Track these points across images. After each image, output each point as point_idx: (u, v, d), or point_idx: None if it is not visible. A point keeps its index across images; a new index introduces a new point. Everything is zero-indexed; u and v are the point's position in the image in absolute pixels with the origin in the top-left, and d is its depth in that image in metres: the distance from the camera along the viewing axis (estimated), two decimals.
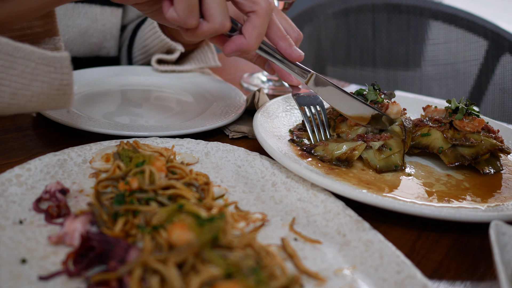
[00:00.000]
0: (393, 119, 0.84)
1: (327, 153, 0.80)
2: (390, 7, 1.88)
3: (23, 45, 0.62)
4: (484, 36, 1.74)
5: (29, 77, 0.63)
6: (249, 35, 0.70)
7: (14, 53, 0.62)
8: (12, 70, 0.62)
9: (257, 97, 1.00)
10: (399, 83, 1.93)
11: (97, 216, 0.57)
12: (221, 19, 0.67)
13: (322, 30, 1.98)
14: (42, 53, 0.63)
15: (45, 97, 0.65)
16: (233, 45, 0.71)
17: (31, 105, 0.65)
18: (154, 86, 1.16)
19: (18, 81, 0.63)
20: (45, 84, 0.64)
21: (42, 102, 0.65)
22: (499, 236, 0.55)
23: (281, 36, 0.76)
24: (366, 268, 0.56)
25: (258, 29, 0.70)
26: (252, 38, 0.70)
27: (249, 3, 0.69)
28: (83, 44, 1.18)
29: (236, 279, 0.47)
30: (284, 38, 0.76)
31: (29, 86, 0.64)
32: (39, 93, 0.64)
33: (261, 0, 0.70)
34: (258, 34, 0.70)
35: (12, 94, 0.63)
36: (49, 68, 0.64)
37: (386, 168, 0.78)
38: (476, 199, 0.74)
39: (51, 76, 0.64)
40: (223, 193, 0.68)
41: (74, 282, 0.50)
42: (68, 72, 0.65)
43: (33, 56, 0.63)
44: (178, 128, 0.86)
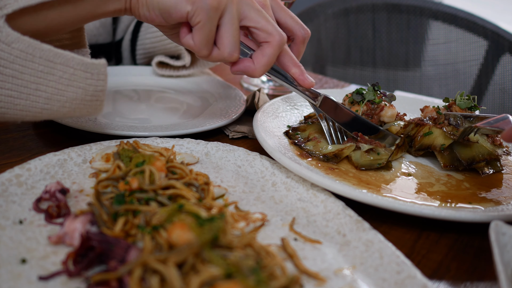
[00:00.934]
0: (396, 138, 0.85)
1: (316, 149, 0.81)
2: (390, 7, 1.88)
3: (64, 52, 0.64)
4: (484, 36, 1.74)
5: (66, 82, 0.65)
6: (257, 62, 0.74)
7: (55, 59, 0.64)
8: (50, 76, 0.64)
9: (257, 97, 1.00)
10: (399, 83, 1.93)
11: (97, 216, 0.57)
12: (231, 50, 0.72)
13: (322, 30, 1.98)
14: (81, 59, 0.65)
15: (78, 103, 0.67)
16: (241, 66, 0.76)
17: (63, 111, 0.67)
18: (154, 86, 1.16)
19: (54, 86, 0.65)
20: (80, 90, 0.66)
21: (74, 108, 0.67)
22: (499, 236, 0.55)
23: (294, 63, 0.81)
24: (366, 268, 0.56)
25: (268, 58, 0.74)
26: (260, 65, 0.74)
27: (264, 34, 0.74)
28: None
29: (236, 279, 0.47)
30: (297, 65, 0.81)
31: (65, 92, 0.65)
32: (73, 99, 0.66)
33: (276, 33, 0.74)
34: (266, 62, 0.74)
35: (47, 99, 0.65)
36: (86, 74, 0.66)
37: (367, 167, 0.78)
38: (477, 199, 0.74)
39: (87, 82, 0.66)
40: (223, 193, 0.68)
41: (74, 282, 0.50)
42: (103, 79, 0.68)
43: (72, 62, 0.65)
44: (178, 128, 0.86)
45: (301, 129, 0.88)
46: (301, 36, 0.89)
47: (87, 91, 0.67)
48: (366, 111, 0.85)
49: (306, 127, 0.88)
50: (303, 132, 0.88)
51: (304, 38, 0.90)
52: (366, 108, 0.85)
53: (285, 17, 0.89)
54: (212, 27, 0.70)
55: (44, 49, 0.63)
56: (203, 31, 0.70)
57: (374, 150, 0.79)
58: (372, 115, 0.85)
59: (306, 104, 1.02)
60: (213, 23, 0.70)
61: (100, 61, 0.67)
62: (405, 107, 1.04)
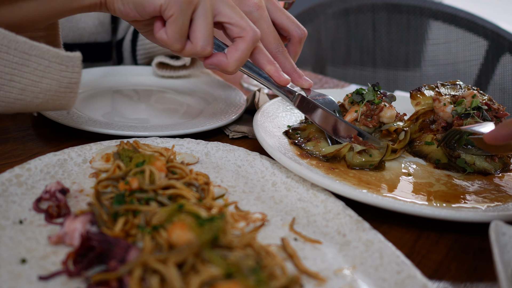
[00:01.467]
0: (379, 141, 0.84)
1: (317, 150, 0.82)
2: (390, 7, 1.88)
3: (39, 44, 0.66)
4: (484, 36, 1.74)
5: (41, 74, 0.67)
6: (230, 56, 0.74)
7: (30, 51, 0.65)
8: (25, 67, 0.66)
9: (257, 97, 1.00)
10: (399, 83, 1.93)
11: (97, 216, 0.57)
12: (203, 43, 0.72)
13: (322, 30, 1.98)
14: (57, 51, 0.67)
15: (52, 94, 0.68)
16: (214, 60, 0.75)
17: (36, 102, 0.68)
18: (154, 86, 1.16)
19: (29, 77, 0.66)
20: (54, 81, 0.68)
21: (47, 99, 0.69)
22: (499, 236, 0.55)
23: (269, 61, 0.80)
24: (366, 268, 0.56)
25: (241, 52, 0.74)
26: (233, 59, 0.74)
27: (237, 29, 0.74)
28: (71, 29, 1.17)
29: (236, 279, 0.47)
30: (272, 63, 0.80)
31: (39, 83, 0.67)
32: (47, 90, 0.68)
33: (249, 29, 0.74)
34: (239, 57, 0.74)
35: (21, 90, 0.67)
36: (61, 67, 0.68)
37: (359, 166, 0.79)
38: (476, 199, 0.74)
39: (61, 74, 0.68)
40: (223, 193, 0.69)
41: (74, 282, 0.50)
42: (78, 71, 0.69)
43: (47, 55, 0.66)
44: (178, 128, 0.86)
45: (301, 128, 0.88)
46: (297, 36, 0.89)
47: (62, 83, 0.68)
48: (365, 111, 0.84)
49: (306, 126, 0.88)
50: (303, 132, 0.88)
51: (301, 38, 0.90)
52: (366, 109, 0.85)
53: (281, 17, 0.89)
54: (185, 20, 0.70)
55: (19, 41, 0.64)
56: (176, 24, 0.70)
57: (366, 152, 0.79)
58: (371, 116, 0.85)
59: None
60: (186, 16, 0.70)
61: (75, 54, 0.68)
62: (405, 107, 1.04)
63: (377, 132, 0.87)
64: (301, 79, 0.87)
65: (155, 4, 0.69)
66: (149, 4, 0.69)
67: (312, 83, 0.88)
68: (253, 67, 0.81)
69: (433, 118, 0.90)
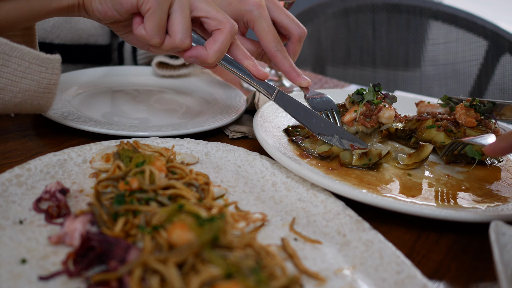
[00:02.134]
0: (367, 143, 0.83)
1: (313, 147, 0.82)
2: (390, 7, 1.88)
3: (20, 46, 0.68)
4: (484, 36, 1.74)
5: (20, 74, 0.68)
6: (209, 47, 0.75)
7: (11, 52, 0.67)
8: (5, 68, 0.67)
9: (257, 97, 1.00)
10: (399, 83, 1.93)
11: (97, 216, 0.57)
12: (182, 36, 0.73)
13: (322, 30, 1.98)
14: (37, 54, 0.69)
15: (30, 95, 0.71)
16: (194, 52, 0.76)
17: (15, 101, 0.70)
18: (154, 86, 1.16)
19: (8, 77, 0.68)
20: (33, 82, 0.70)
21: (26, 99, 0.71)
22: (499, 236, 0.55)
23: (246, 56, 0.80)
24: (366, 268, 0.56)
25: (219, 44, 0.75)
26: (212, 51, 0.75)
27: (215, 22, 0.75)
28: (70, 30, 1.17)
29: (236, 279, 0.47)
30: (249, 58, 0.80)
31: (18, 83, 0.69)
32: (26, 90, 0.70)
33: (226, 21, 0.75)
34: (218, 48, 0.75)
35: (0, 89, 0.68)
36: (41, 68, 0.70)
37: (353, 166, 0.79)
38: (476, 199, 0.74)
39: (41, 76, 0.70)
40: (223, 193, 0.68)
41: (74, 282, 0.50)
42: (57, 73, 0.71)
43: (28, 56, 0.68)
44: (178, 128, 0.86)
45: (301, 126, 0.89)
46: (297, 34, 0.89)
47: (41, 84, 0.70)
48: (365, 111, 0.85)
49: None
50: (303, 130, 0.88)
51: (300, 36, 0.90)
52: (365, 109, 0.85)
53: (281, 16, 0.89)
54: (162, 14, 0.71)
55: (1, 42, 0.66)
56: (153, 18, 0.70)
57: (367, 155, 0.79)
58: (370, 116, 0.85)
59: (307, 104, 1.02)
60: (163, 10, 0.71)
61: (55, 57, 0.70)
62: (405, 107, 1.04)
63: (376, 133, 0.87)
64: (300, 78, 0.87)
65: (132, 0, 0.70)
66: (126, 0, 0.70)
67: (311, 81, 0.88)
68: (232, 61, 0.81)
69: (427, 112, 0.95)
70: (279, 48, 0.87)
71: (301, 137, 0.85)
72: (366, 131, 0.85)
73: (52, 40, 1.15)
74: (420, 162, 0.81)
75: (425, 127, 0.89)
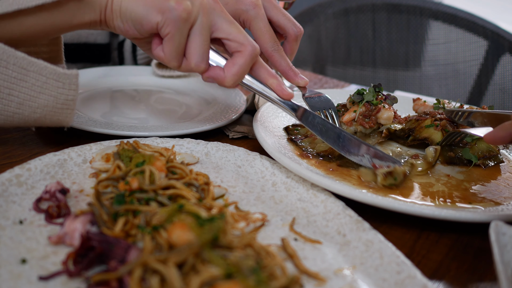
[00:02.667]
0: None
1: (312, 146, 0.82)
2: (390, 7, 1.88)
3: (37, 61, 0.67)
4: (484, 36, 1.74)
5: (38, 89, 0.68)
6: (228, 71, 0.74)
7: (28, 67, 0.67)
8: (23, 82, 0.67)
9: (257, 97, 1.00)
10: (399, 83, 1.93)
11: (97, 216, 0.57)
12: (197, 61, 0.72)
13: (322, 30, 1.98)
14: (54, 69, 0.68)
15: (49, 110, 0.70)
16: (211, 73, 0.75)
17: (34, 116, 0.70)
18: (154, 86, 1.16)
19: (27, 92, 0.68)
20: (51, 97, 0.69)
21: (45, 114, 0.70)
22: (499, 236, 0.55)
23: (271, 75, 0.79)
24: (366, 268, 0.56)
25: (238, 67, 0.74)
26: (229, 74, 0.74)
27: (235, 44, 0.74)
28: None
29: (236, 279, 0.47)
30: (274, 77, 0.79)
31: (36, 98, 0.69)
32: (44, 106, 0.69)
33: (248, 43, 0.74)
34: (236, 72, 0.74)
35: (19, 104, 0.68)
36: (58, 84, 0.69)
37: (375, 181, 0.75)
38: (477, 199, 0.74)
39: (58, 91, 0.69)
40: (223, 193, 0.68)
41: (74, 282, 0.50)
42: (74, 89, 0.70)
43: (45, 71, 0.68)
44: (178, 128, 0.86)
45: (301, 125, 0.89)
46: (293, 34, 0.89)
47: (58, 100, 0.70)
48: (364, 111, 0.85)
49: None
50: (303, 129, 0.88)
51: (297, 35, 0.90)
52: (365, 109, 0.85)
53: (277, 15, 0.89)
54: (181, 39, 0.70)
55: (18, 56, 0.66)
56: (172, 43, 0.70)
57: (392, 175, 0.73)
58: (369, 116, 0.85)
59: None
60: (183, 35, 0.70)
61: (72, 72, 0.70)
62: (405, 108, 1.04)
63: (375, 133, 0.87)
64: (297, 77, 0.87)
65: (152, 22, 0.69)
66: (147, 22, 0.70)
67: (308, 81, 0.88)
68: (254, 81, 0.79)
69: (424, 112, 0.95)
70: (276, 48, 0.86)
71: (300, 136, 0.85)
72: (364, 132, 0.85)
73: None
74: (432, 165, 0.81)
75: (423, 126, 0.89)
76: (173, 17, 0.68)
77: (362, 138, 0.85)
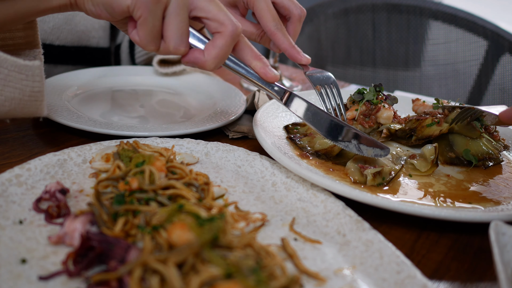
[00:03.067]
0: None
1: (310, 145, 0.82)
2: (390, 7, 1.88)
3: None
4: (484, 36, 1.74)
5: (2, 82, 0.67)
6: (207, 53, 0.70)
7: None
8: None
9: (257, 97, 1.00)
10: (399, 83, 1.93)
11: (97, 216, 0.57)
12: (175, 43, 0.68)
13: (322, 30, 1.98)
14: (14, 61, 0.67)
15: (17, 102, 0.69)
16: (191, 57, 0.71)
17: (4, 110, 0.69)
18: (154, 86, 1.16)
19: None
20: (17, 90, 0.68)
21: (14, 107, 0.69)
22: (499, 236, 0.55)
23: (255, 56, 0.75)
24: (366, 268, 0.56)
25: (219, 50, 0.69)
26: (210, 57, 0.70)
27: (215, 23, 0.69)
28: (70, 31, 1.17)
29: (236, 279, 0.47)
30: (258, 58, 0.75)
31: (2, 91, 0.67)
32: (11, 98, 0.68)
33: (228, 22, 0.69)
34: (217, 55, 0.70)
35: None
36: (20, 76, 0.67)
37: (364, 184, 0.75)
38: (476, 199, 0.74)
39: (22, 83, 0.68)
40: (223, 193, 0.68)
41: (74, 282, 0.50)
42: (39, 80, 0.69)
43: (5, 64, 0.66)
44: (178, 128, 0.86)
45: (302, 124, 0.89)
46: (297, 14, 0.89)
47: (25, 92, 0.68)
48: (364, 111, 0.85)
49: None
50: (302, 127, 0.89)
51: (300, 16, 0.89)
52: (365, 108, 0.85)
53: None
54: (155, 21, 0.66)
55: None
56: (146, 26, 0.66)
57: (380, 174, 0.74)
58: (369, 115, 0.85)
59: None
60: (156, 17, 0.66)
61: (34, 63, 0.68)
62: (405, 108, 1.04)
63: (375, 133, 0.87)
64: (300, 55, 0.86)
65: (123, 5, 0.66)
66: (117, 5, 0.66)
67: (310, 59, 0.86)
68: (238, 63, 0.75)
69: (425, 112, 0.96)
70: (278, 27, 0.85)
71: (300, 135, 0.86)
72: (364, 131, 0.85)
73: (52, 42, 1.15)
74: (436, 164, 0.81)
75: (424, 126, 0.89)
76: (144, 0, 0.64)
77: None
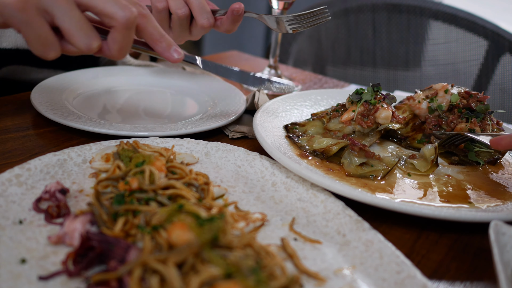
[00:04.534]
0: None
1: (308, 144, 0.82)
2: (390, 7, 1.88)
3: None
4: (484, 36, 1.74)
5: None
6: (111, 48, 0.68)
7: None
8: None
9: (257, 97, 1.00)
10: (399, 83, 1.93)
11: (97, 216, 0.57)
12: (85, 42, 0.64)
13: (322, 30, 1.98)
14: None
15: None
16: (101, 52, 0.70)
17: None
18: (154, 86, 1.16)
19: None
20: None
21: None
22: (498, 236, 0.55)
23: (155, 39, 0.73)
24: (366, 268, 0.56)
25: (119, 43, 0.67)
26: (114, 51, 0.68)
27: (107, 18, 0.65)
28: None
29: (236, 279, 0.47)
30: (159, 41, 0.73)
31: None
32: None
33: (118, 16, 0.64)
34: (119, 47, 0.68)
35: None
36: None
37: (358, 176, 0.76)
38: (476, 199, 0.74)
39: None
40: (223, 193, 0.69)
41: (74, 282, 0.50)
42: None
43: None
44: (178, 128, 0.86)
45: (301, 124, 0.90)
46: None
47: None
48: (362, 111, 0.85)
49: (306, 123, 0.90)
50: (302, 127, 0.89)
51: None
52: (363, 108, 0.85)
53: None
54: (36, 29, 0.61)
55: None
56: (29, 36, 0.61)
57: (367, 164, 0.76)
58: (368, 115, 0.85)
59: (306, 104, 1.02)
60: (34, 25, 0.60)
61: None
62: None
63: (374, 133, 0.87)
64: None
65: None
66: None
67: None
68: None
69: (420, 121, 0.96)
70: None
71: (299, 134, 0.86)
72: (363, 131, 0.85)
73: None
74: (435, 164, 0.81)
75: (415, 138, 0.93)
76: (9, 12, 0.59)
77: (360, 138, 0.85)
